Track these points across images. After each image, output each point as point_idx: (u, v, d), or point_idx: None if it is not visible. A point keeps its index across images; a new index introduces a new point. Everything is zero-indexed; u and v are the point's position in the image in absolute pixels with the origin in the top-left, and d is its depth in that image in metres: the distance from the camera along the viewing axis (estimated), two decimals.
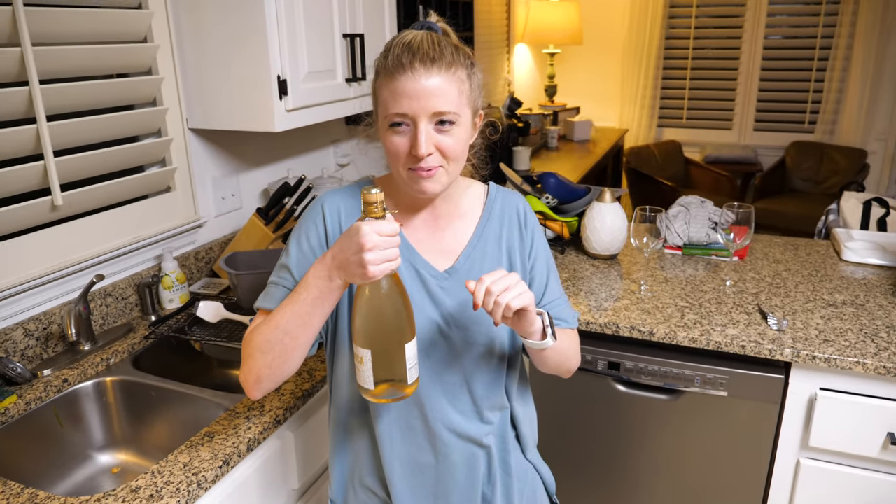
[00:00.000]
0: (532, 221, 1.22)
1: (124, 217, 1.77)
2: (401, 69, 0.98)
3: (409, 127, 1.00)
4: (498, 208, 1.20)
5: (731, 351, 1.61)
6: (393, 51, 1.00)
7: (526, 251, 1.19)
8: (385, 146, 1.04)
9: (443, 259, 1.14)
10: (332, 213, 1.11)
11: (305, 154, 2.47)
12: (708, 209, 2.25)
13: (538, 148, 4.37)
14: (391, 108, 0.99)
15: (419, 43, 0.99)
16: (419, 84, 0.97)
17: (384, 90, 1.01)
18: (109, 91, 1.67)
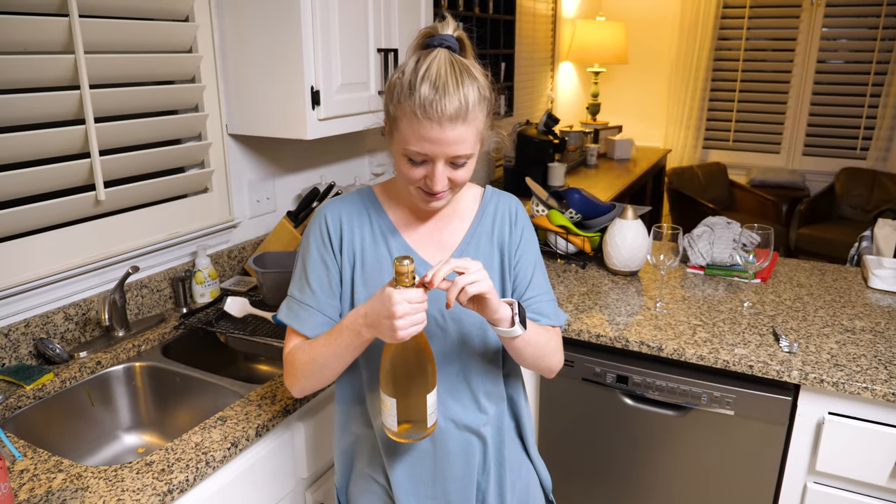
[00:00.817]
0: (522, 219, 1.27)
1: (163, 214, 1.88)
2: (427, 118, 1.02)
3: (425, 163, 1.07)
4: (492, 209, 1.26)
5: (739, 370, 1.62)
6: (418, 89, 1.03)
7: (514, 247, 1.25)
8: (397, 166, 1.11)
9: (439, 255, 1.21)
10: (335, 221, 1.19)
11: (341, 162, 2.56)
12: (734, 230, 2.25)
13: (576, 165, 4.39)
14: (411, 145, 1.05)
15: (444, 83, 1.02)
16: (444, 133, 1.03)
17: (405, 124, 1.05)
18: (154, 96, 1.79)
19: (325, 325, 1.18)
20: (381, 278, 1.17)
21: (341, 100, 1.92)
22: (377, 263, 1.18)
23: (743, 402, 1.66)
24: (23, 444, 1.29)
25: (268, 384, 1.51)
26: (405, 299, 0.99)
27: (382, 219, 1.21)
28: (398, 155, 1.09)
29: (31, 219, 1.55)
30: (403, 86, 1.05)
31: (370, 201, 1.22)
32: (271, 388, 1.50)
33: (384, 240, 1.19)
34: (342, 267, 1.18)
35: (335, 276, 1.18)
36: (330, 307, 1.18)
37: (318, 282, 1.18)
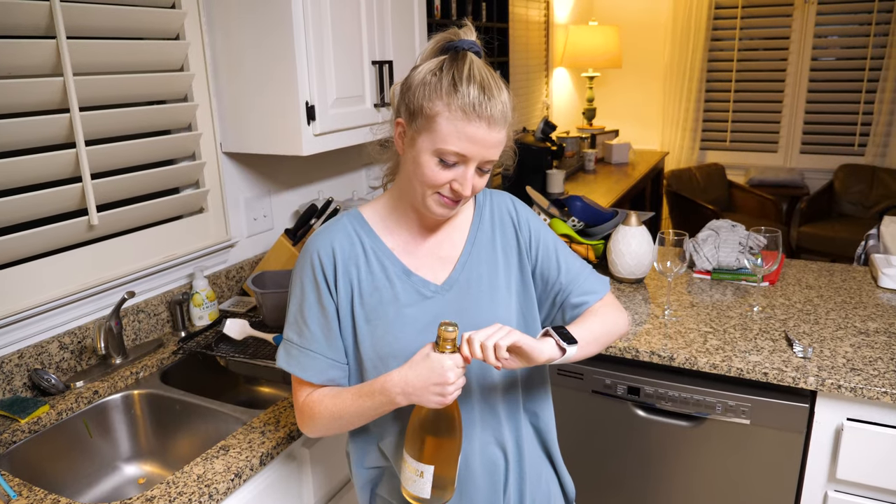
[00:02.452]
0: (524, 214, 1.24)
1: (158, 236, 1.85)
2: (477, 117, 1.02)
3: (456, 166, 1.05)
4: (488, 212, 1.23)
5: (753, 378, 1.59)
6: (464, 88, 1.02)
7: (526, 245, 1.21)
8: (418, 168, 1.07)
9: (441, 269, 1.18)
10: (327, 256, 1.14)
11: (338, 177, 2.53)
12: (739, 233, 2.22)
13: (574, 171, 4.36)
14: (451, 145, 1.03)
15: (488, 86, 1.03)
16: (490, 135, 1.03)
17: (447, 123, 1.03)
18: (146, 117, 1.76)
19: (332, 368, 1.14)
20: (383, 311, 1.13)
21: (337, 114, 1.89)
22: (377, 294, 1.14)
23: (759, 410, 1.62)
24: (18, 482, 1.25)
25: (271, 409, 1.48)
26: (456, 365, 0.99)
27: (377, 244, 1.16)
28: (425, 156, 1.05)
29: (23, 246, 1.51)
30: (443, 84, 1.04)
31: (360, 226, 1.17)
32: (275, 413, 1.46)
33: (381, 268, 1.15)
34: (339, 304, 1.14)
35: (333, 316, 1.14)
36: (333, 348, 1.14)
37: (316, 323, 1.14)
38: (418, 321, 1.13)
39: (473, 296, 1.17)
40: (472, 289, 1.17)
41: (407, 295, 1.14)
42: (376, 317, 1.13)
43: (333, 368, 1.14)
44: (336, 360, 1.15)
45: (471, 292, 1.17)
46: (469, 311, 1.15)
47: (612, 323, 1.23)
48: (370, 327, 1.13)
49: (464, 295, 1.16)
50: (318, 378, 1.14)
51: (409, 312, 1.13)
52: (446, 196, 1.08)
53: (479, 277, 1.18)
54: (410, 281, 1.15)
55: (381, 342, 1.12)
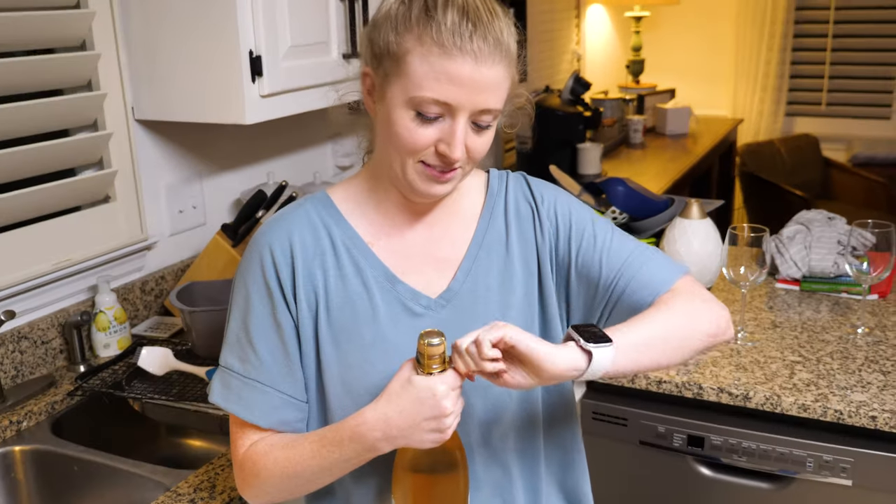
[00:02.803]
0: (549, 199, 1.23)
1: (47, 236, 1.84)
2: (457, 43, 1.01)
3: (441, 119, 1.05)
4: (503, 202, 1.23)
5: (858, 424, 1.60)
6: (442, 11, 1.02)
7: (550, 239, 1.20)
8: (391, 128, 1.07)
9: (437, 276, 1.18)
10: (283, 252, 1.13)
11: (294, 153, 2.54)
12: (837, 229, 2.23)
13: (615, 144, 4.37)
14: (429, 91, 1.02)
15: (475, 9, 1.03)
16: (479, 71, 1.02)
17: (420, 61, 1.03)
18: (28, 71, 1.75)
19: (286, 407, 1.14)
20: (356, 331, 1.13)
21: (291, 67, 1.89)
22: (349, 307, 1.14)
23: (864, 467, 1.63)
24: None
25: (203, 469, 1.47)
26: (451, 388, 0.99)
27: (350, 238, 1.17)
28: (397, 111, 1.05)
29: None
30: (412, 11, 1.04)
31: (328, 213, 1.18)
32: (209, 474, 1.46)
33: (356, 270, 1.15)
34: (299, 319, 1.13)
35: (291, 335, 1.14)
36: (288, 380, 1.14)
37: (266, 345, 1.13)
38: (404, 347, 1.12)
39: (479, 314, 1.17)
40: (477, 305, 1.17)
41: (389, 310, 1.14)
42: (347, 339, 1.13)
43: (288, 407, 1.14)
44: (292, 397, 1.14)
45: (476, 310, 1.17)
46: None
47: (688, 318, 1.12)
48: (339, 353, 1.13)
49: (466, 313, 1.16)
50: (267, 420, 1.13)
51: (391, 335, 1.13)
52: (431, 164, 1.07)
53: (486, 290, 1.18)
54: (395, 291, 1.15)
55: (353, 373, 1.12)
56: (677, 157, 4.21)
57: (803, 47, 5.37)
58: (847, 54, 5.28)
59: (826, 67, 5.35)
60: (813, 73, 5.39)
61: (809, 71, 5.40)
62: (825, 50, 5.32)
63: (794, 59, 5.39)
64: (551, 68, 4.65)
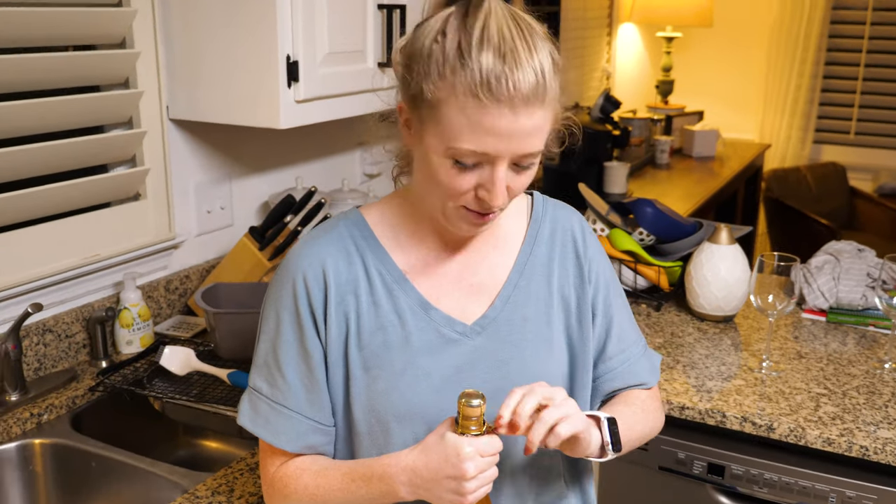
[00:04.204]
0: (593, 247, 1.24)
1: (76, 230, 1.85)
2: (495, 100, 0.97)
3: (478, 167, 1.02)
4: (547, 230, 1.22)
5: (883, 461, 1.58)
6: (476, 58, 0.97)
7: (587, 291, 1.21)
8: (431, 172, 1.04)
9: (472, 302, 1.16)
10: (316, 279, 1.12)
11: (323, 159, 2.54)
12: (867, 261, 2.21)
13: (641, 164, 4.36)
14: (466, 143, 0.99)
15: (513, 49, 0.97)
16: (517, 122, 0.99)
17: (455, 111, 0.99)
18: (67, 66, 1.76)
19: (314, 433, 1.14)
20: (388, 358, 1.12)
21: (328, 74, 1.90)
22: (381, 335, 1.13)
23: None
24: None
25: (222, 473, 1.47)
26: (479, 452, 0.98)
27: (385, 264, 1.15)
28: (435, 158, 1.03)
29: None
30: (448, 54, 0.99)
31: (363, 237, 1.16)
32: (227, 478, 1.46)
33: (389, 297, 1.14)
34: (328, 346, 1.13)
35: (319, 362, 1.13)
36: (316, 406, 1.14)
37: (295, 372, 1.13)
38: (435, 374, 1.12)
39: (515, 344, 1.16)
40: (513, 335, 1.16)
41: (422, 337, 1.13)
42: (378, 365, 1.12)
43: (315, 433, 1.14)
44: (319, 423, 1.14)
45: (511, 339, 1.16)
46: (508, 365, 1.14)
47: (652, 426, 1.28)
48: (368, 378, 1.12)
49: (502, 342, 1.15)
50: (295, 445, 1.13)
51: (423, 362, 1.12)
52: (472, 209, 1.05)
53: (523, 321, 1.17)
54: (429, 317, 1.14)
55: (382, 399, 1.11)
56: (703, 179, 4.19)
57: (834, 75, 5.34)
58: (878, 84, 5.25)
59: (857, 97, 5.32)
60: (843, 101, 5.36)
61: (839, 99, 5.37)
62: (856, 79, 5.29)
63: (825, 86, 5.37)
64: (581, 85, 4.65)
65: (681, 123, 4.98)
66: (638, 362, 1.27)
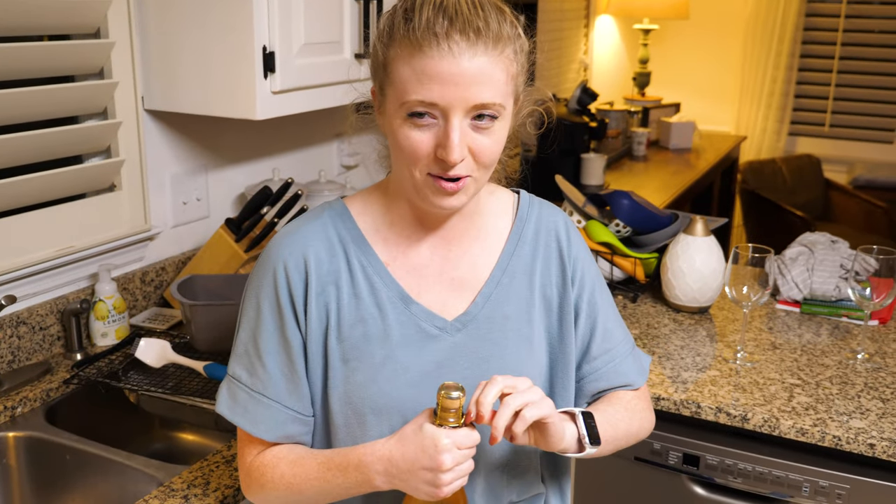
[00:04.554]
0: (577, 246, 1.24)
1: (50, 222, 1.84)
2: (432, 41, 0.99)
3: (435, 121, 1.02)
4: (531, 230, 1.22)
5: (855, 450, 1.60)
6: (419, 11, 1.01)
7: (569, 293, 1.21)
8: (395, 141, 1.06)
9: (455, 299, 1.16)
10: (297, 269, 1.12)
11: (300, 150, 2.53)
12: (841, 253, 2.23)
13: (618, 156, 4.37)
14: (413, 94, 1.01)
15: (455, 3, 1.01)
16: (459, 65, 0.99)
17: (402, 65, 1.02)
18: (41, 56, 1.75)
19: (292, 423, 1.14)
20: (367, 350, 1.12)
21: (304, 65, 1.89)
22: (361, 327, 1.13)
23: (860, 494, 1.63)
24: None
25: (197, 465, 1.47)
26: (456, 444, 0.98)
27: (367, 255, 1.15)
28: (396, 122, 1.04)
29: None
30: (397, 16, 1.03)
31: (346, 228, 1.16)
32: (202, 470, 1.45)
33: (370, 290, 1.14)
34: (308, 336, 1.13)
35: (299, 352, 1.14)
36: (295, 396, 1.14)
37: (275, 361, 1.13)
38: (414, 369, 1.12)
39: (495, 341, 1.16)
40: (493, 333, 1.16)
41: (402, 331, 1.13)
42: (357, 357, 1.12)
43: (293, 422, 1.14)
44: (297, 412, 1.14)
45: (492, 337, 1.17)
46: (488, 363, 1.15)
47: (639, 426, 1.27)
48: (347, 370, 1.12)
49: (482, 339, 1.16)
50: (273, 434, 1.13)
51: (402, 356, 1.12)
52: (436, 175, 1.05)
53: (503, 319, 1.17)
54: (409, 311, 1.14)
55: (360, 392, 1.11)
56: (680, 171, 4.21)
57: (809, 68, 5.39)
58: (852, 77, 5.30)
59: (831, 89, 5.37)
60: (818, 93, 5.41)
61: (814, 91, 5.41)
62: (831, 71, 5.34)
63: (800, 79, 5.41)
64: (558, 77, 4.65)
65: (657, 115, 5.00)
66: (624, 362, 1.27)
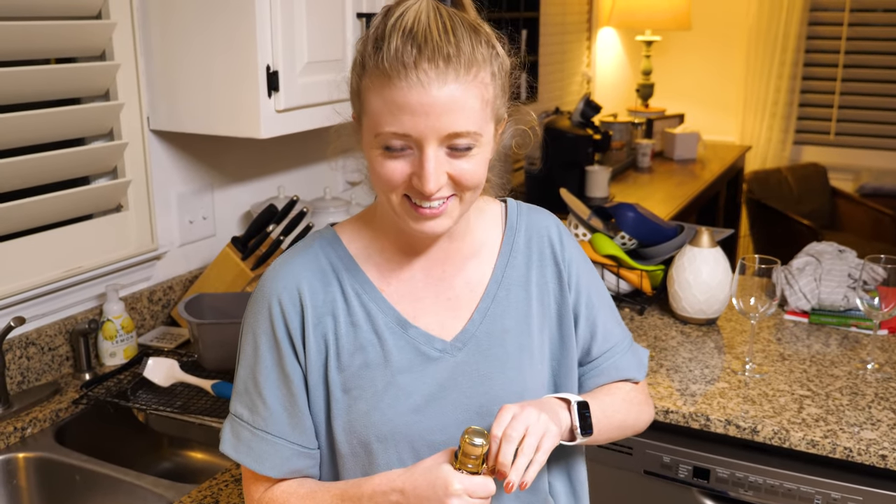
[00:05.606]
0: (571, 249, 1.23)
1: (58, 243, 1.84)
2: (401, 71, 0.97)
3: (411, 150, 1.01)
4: (523, 238, 1.21)
5: (867, 462, 1.59)
6: (388, 39, 0.99)
7: (567, 295, 1.20)
8: (372, 168, 1.05)
9: (452, 319, 1.15)
10: (292, 302, 1.10)
11: (305, 167, 2.54)
12: (848, 262, 2.23)
13: (623, 168, 4.38)
14: (385, 126, 1.00)
15: (425, 29, 0.99)
16: (429, 94, 0.97)
17: (374, 96, 1.00)
18: (48, 79, 1.76)
19: (298, 457, 1.12)
20: (368, 377, 1.11)
21: (308, 84, 1.90)
22: (361, 355, 1.11)
23: None
24: None
25: (206, 484, 1.47)
26: (467, 492, 0.98)
27: (360, 282, 1.13)
28: (371, 151, 1.04)
29: None
30: (368, 45, 1.02)
31: (338, 256, 1.14)
32: (211, 489, 1.46)
33: (367, 317, 1.12)
34: (308, 369, 1.11)
35: (300, 386, 1.12)
36: (299, 430, 1.12)
37: (275, 396, 1.11)
38: (416, 393, 1.11)
39: (496, 358, 1.15)
40: (493, 349, 1.15)
41: (402, 355, 1.11)
42: (358, 385, 1.10)
43: (299, 457, 1.12)
44: (303, 447, 1.12)
45: (492, 354, 1.15)
46: (491, 379, 1.13)
47: (636, 418, 1.27)
48: (349, 399, 1.10)
49: (483, 356, 1.14)
50: (279, 471, 1.12)
51: (403, 381, 1.11)
52: (414, 202, 1.04)
53: (503, 333, 1.16)
54: (407, 336, 1.12)
55: (364, 420, 1.10)
56: (685, 182, 4.21)
57: (813, 76, 5.39)
58: (857, 84, 5.30)
59: (836, 97, 5.36)
60: (822, 102, 5.41)
61: (819, 100, 5.41)
62: (835, 80, 5.34)
63: (804, 87, 5.41)
64: (562, 90, 4.66)
65: (661, 127, 5.01)
66: (623, 358, 1.27)
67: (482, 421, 1.12)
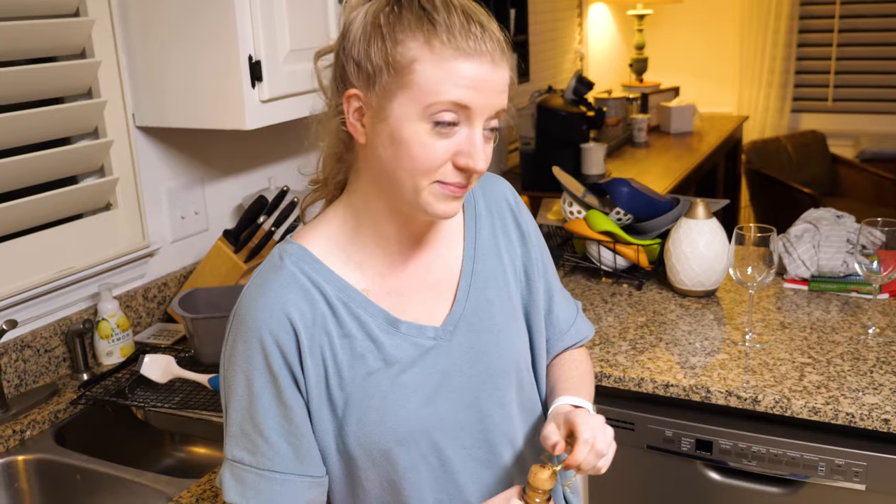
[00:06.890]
0: (525, 211, 1.27)
1: (48, 244, 1.85)
2: (472, 48, 0.99)
3: (456, 128, 1.01)
4: (483, 206, 1.22)
5: (870, 427, 1.59)
6: (446, 16, 0.99)
7: (532, 256, 1.24)
8: (404, 149, 1.01)
9: (436, 303, 1.16)
10: (284, 331, 1.06)
11: (294, 158, 2.54)
12: (846, 227, 2.22)
13: (619, 144, 4.36)
14: (447, 94, 0.98)
15: (473, 10, 1.02)
16: (496, 74, 1.01)
17: (431, 66, 0.98)
18: (29, 79, 1.76)
19: (308, 489, 1.09)
20: (372, 385, 1.09)
21: (292, 72, 1.90)
22: (360, 364, 1.09)
23: (877, 471, 1.62)
24: None
25: (205, 478, 1.48)
26: None
27: (344, 289, 1.10)
28: (409, 127, 0.99)
29: None
30: (406, 18, 1.00)
31: (312, 269, 1.09)
32: (210, 483, 1.46)
33: (358, 324, 1.09)
34: (309, 393, 1.08)
35: (302, 414, 1.08)
36: (307, 461, 1.09)
37: (278, 432, 1.07)
38: (422, 387, 1.11)
39: (488, 332, 1.17)
40: (483, 324, 1.16)
41: (400, 354, 1.10)
42: (364, 395, 1.08)
43: (311, 488, 1.10)
44: (313, 476, 1.09)
45: (483, 327, 1.16)
46: (488, 356, 1.15)
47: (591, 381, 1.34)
48: (358, 411, 1.08)
49: (475, 332, 1.15)
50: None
51: (408, 378, 1.10)
52: (451, 183, 1.02)
53: (488, 305, 1.17)
54: (400, 333, 1.11)
55: (378, 428, 1.08)
56: (682, 155, 4.20)
57: (808, 43, 5.36)
58: (853, 49, 5.28)
59: (832, 63, 5.34)
60: (819, 68, 5.39)
61: (815, 66, 5.39)
62: (831, 45, 5.31)
63: (800, 54, 5.39)
64: (554, 68, 4.65)
65: (657, 101, 4.99)
66: (579, 318, 1.36)
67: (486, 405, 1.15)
